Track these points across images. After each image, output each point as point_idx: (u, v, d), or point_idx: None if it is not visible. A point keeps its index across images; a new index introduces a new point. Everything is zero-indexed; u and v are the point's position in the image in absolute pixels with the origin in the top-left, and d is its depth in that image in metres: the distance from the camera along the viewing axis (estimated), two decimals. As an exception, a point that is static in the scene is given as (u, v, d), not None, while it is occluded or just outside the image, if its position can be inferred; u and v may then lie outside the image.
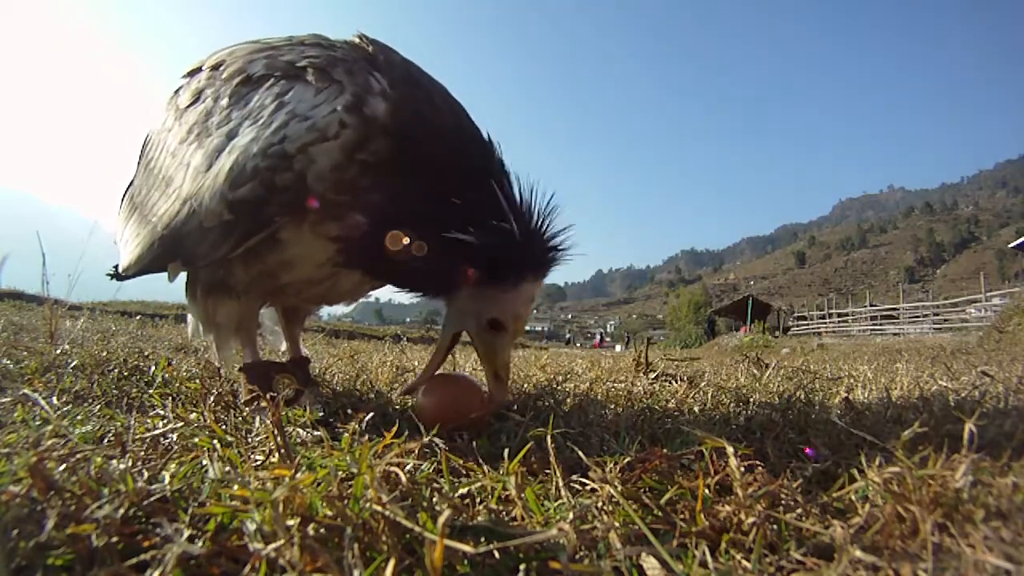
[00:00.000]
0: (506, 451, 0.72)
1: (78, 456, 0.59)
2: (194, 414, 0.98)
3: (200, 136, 1.01)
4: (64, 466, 0.57)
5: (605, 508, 0.60)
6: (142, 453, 0.72)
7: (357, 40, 1.06)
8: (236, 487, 0.51)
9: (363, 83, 0.94)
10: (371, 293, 1.30)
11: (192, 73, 1.13)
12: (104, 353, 1.63)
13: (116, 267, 1.34)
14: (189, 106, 1.07)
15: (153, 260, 1.10)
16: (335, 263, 1.03)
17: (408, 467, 0.64)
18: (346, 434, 0.75)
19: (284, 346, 1.39)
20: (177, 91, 1.15)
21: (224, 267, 1.05)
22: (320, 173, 0.90)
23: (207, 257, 1.00)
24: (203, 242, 0.98)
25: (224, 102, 1.01)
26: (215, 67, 1.08)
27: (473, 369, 1.93)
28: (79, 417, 0.92)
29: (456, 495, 0.61)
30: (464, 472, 0.71)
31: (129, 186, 1.29)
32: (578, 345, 37.03)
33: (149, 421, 0.91)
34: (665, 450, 0.71)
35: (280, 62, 1.00)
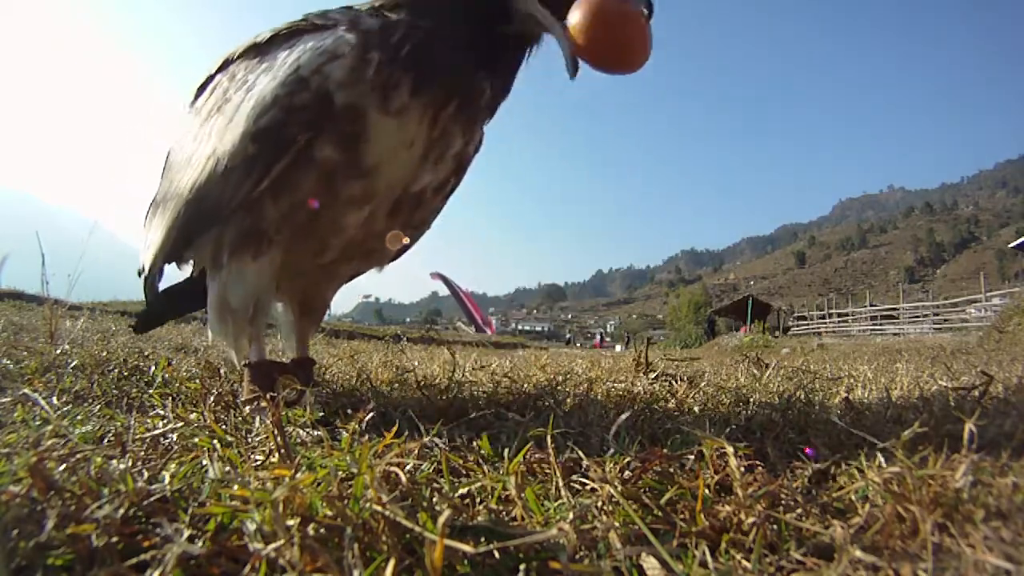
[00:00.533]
0: (506, 451, 0.72)
1: (78, 456, 0.59)
2: (194, 414, 0.98)
3: (221, 107, 1.07)
4: (64, 466, 0.57)
5: (605, 508, 0.60)
6: (142, 453, 0.71)
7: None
8: (236, 487, 0.51)
9: (355, 14, 1.04)
10: (371, 293, 1.28)
11: (204, 84, 1.19)
12: (104, 353, 1.63)
13: (136, 321, 1.49)
14: (207, 99, 1.13)
15: (179, 233, 1.12)
16: (430, 116, 1.01)
17: (408, 467, 0.64)
18: (346, 434, 0.75)
19: (289, 350, 1.38)
20: (194, 102, 1.20)
21: (253, 213, 1.05)
22: (340, 81, 0.96)
23: (232, 201, 1.01)
24: (227, 186, 1.01)
25: (241, 73, 1.07)
26: (224, 64, 1.14)
27: (473, 368, 1.93)
28: (79, 417, 0.92)
29: (456, 495, 0.61)
30: (464, 472, 0.71)
31: (151, 203, 1.29)
32: (578, 345, 37.03)
33: (149, 421, 0.91)
34: (665, 450, 0.71)
35: (282, 26, 1.07)
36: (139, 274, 1.31)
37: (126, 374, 1.41)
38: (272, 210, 1.04)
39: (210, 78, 1.17)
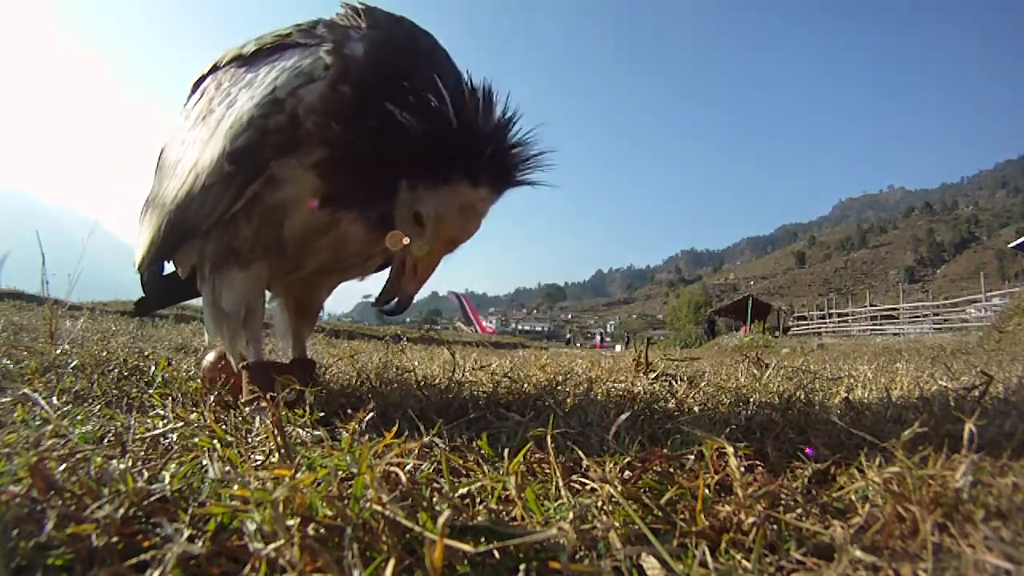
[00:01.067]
0: (506, 451, 0.72)
1: (78, 456, 0.59)
2: (194, 414, 0.98)
3: (205, 117, 1.09)
4: (64, 466, 0.57)
5: (605, 508, 0.60)
6: (142, 453, 0.72)
7: (341, 10, 1.11)
8: (236, 487, 0.51)
9: (343, 33, 1.03)
10: (371, 293, 1.30)
11: (197, 84, 1.22)
12: (104, 353, 1.64)
13: (135, 305, 1.58)
14: (196, 104, 1.16)
15: (163, 241, 1.15)
16: (324, 199, 1.04)
17: (408, 467, 0.64)
18: (346, 434, 0.75)
19: (288, 350, 1.39)
20: (187, 101, 1.24)
21: (229, 229, 1.08)
22: (310, 106, 0.97)
23: (210, 216, 1.05)
24: (206, 202, 1.04)
25: (225, 84, 1.09)
26: (214, 68, 1.17)
27: (473, 368, 1.93)
28: (79, 417, 0.92)
29: (456, 495, 0.61)
30: (464, 472, 0.71)
31: (146, 200, 1.32)
32: (578, 345, 37.02)
33: (149, 421, 0.91)
34: (665, 450, 0.71)
35: (268, 37, 1.09)
36: (136, 268, 1.35)
37: (126, 374, 1.41)
38: (246, 227, 1.08)
39: (202, 78, 1.20)
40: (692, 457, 0.71)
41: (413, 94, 0.94)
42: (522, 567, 0.47)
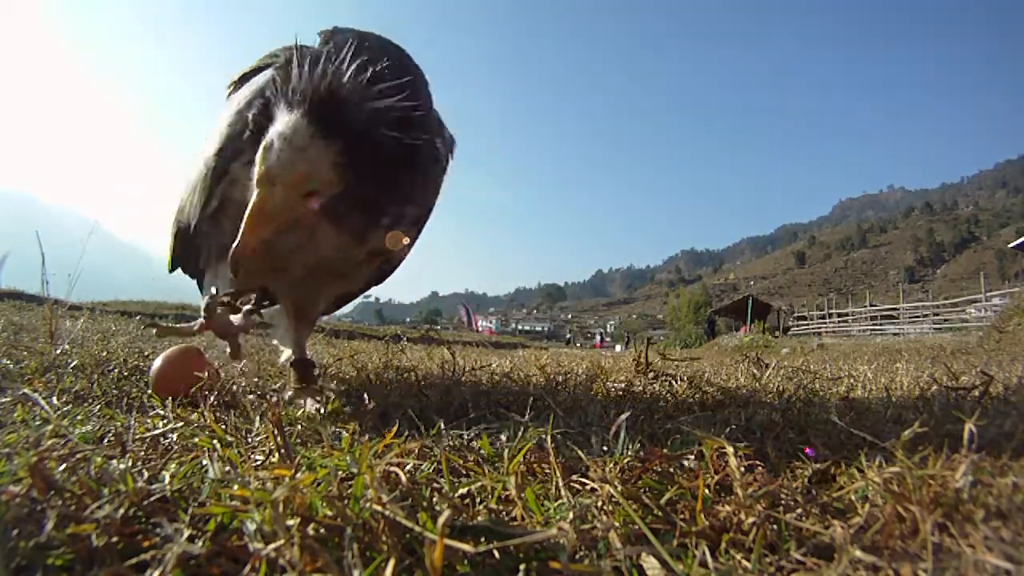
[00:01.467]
0: (506, 451, 0.72)
1: (78, 456, 0.59)
2: (194, 414, 0.98)
3: (208, 136, 1.26)
4: (64, 466, 0.57)
5: (605, 508, 0.60)
6: (142, 453, 0.72)
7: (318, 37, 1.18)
8: (236, 487, 0.51)
9: (304, 51, 1.08)
10: (371, 293, 1.36)
11: None
12: (104, 353, 1.64)
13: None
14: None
15: (174, 240, 1.38)
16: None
17: (408, 467, 0.64)
18: (346, 434, 0.75)
19: (286, 355, 1.40)
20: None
21: (217, 228, 1.24)
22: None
23: (195, 214, 1.24)
24: (193, 203, 1.25)
25: (223, 105, 1.26)
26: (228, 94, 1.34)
27: (473, 368, 1.92)
28: (79, 417, 0.92)
29: (456, 495, 0.61)
30: (464, 472, 0.71)
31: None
32: (578, 345, 37.02)
33: (149, 421, 0.91)
34: (665, 450, 0.71)
35: (255, 61, 1.25)
36: (168, 270, 1.56)
37: (126, 374, 1.42)
38: (228, 225, 1.18)
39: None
40: (692, 457, 0.71)
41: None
42: (522, 567, 0.47)
